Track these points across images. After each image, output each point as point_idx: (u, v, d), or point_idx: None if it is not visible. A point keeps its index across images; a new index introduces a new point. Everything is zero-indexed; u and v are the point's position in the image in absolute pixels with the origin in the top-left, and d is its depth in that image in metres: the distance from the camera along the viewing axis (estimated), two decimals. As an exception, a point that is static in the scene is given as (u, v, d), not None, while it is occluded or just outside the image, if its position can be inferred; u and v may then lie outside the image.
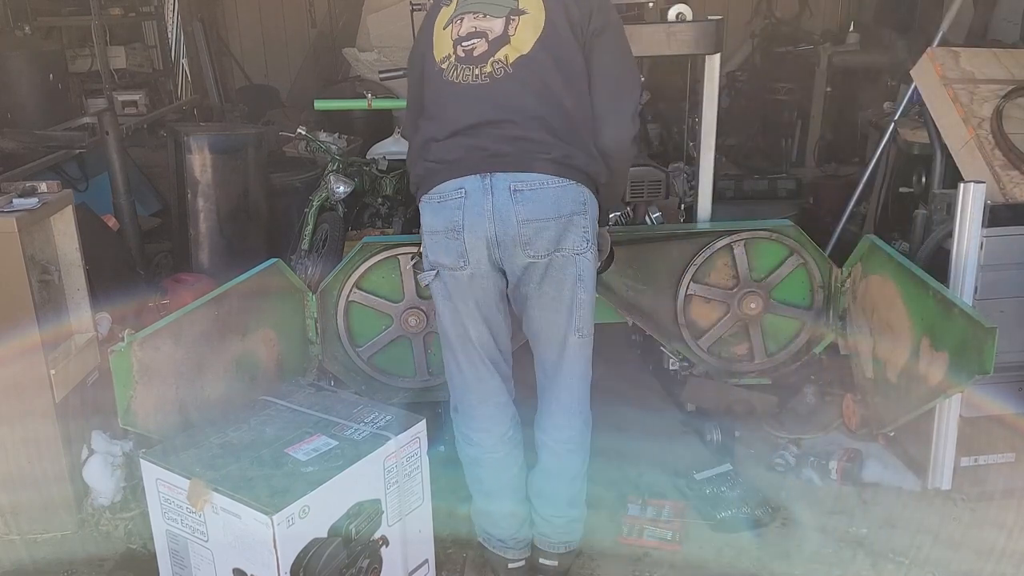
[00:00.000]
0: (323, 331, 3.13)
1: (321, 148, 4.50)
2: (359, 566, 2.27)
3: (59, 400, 2.73)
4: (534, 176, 2.16)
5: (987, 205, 2.67)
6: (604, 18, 2.27)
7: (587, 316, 2.33)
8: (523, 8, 2.23)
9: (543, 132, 2.18)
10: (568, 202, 2.19)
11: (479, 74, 2.21)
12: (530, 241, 2.19)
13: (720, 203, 3.32)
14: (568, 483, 2.49)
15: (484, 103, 2.21)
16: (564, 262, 2.23)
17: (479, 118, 2.21)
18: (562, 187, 2.18)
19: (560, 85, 2.21)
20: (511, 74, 2.19)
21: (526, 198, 2.16)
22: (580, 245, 2.24)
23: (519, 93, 2.20)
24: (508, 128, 2.19)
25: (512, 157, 2.17)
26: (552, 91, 2.20)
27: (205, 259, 4.35)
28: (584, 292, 2.29)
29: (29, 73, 5.34)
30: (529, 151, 2.17)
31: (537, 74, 2.19)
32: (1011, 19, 4.80)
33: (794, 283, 3.19)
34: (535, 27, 2.21)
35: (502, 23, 2.22)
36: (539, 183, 2.17)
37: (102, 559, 2.72)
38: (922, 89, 3.21)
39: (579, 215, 2.22)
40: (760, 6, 7.13)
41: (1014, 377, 2.81)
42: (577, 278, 2.26)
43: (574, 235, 2.22)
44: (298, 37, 7.84)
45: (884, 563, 2.64)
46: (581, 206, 2.22)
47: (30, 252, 2.67)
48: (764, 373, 3.28)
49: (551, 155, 2.17)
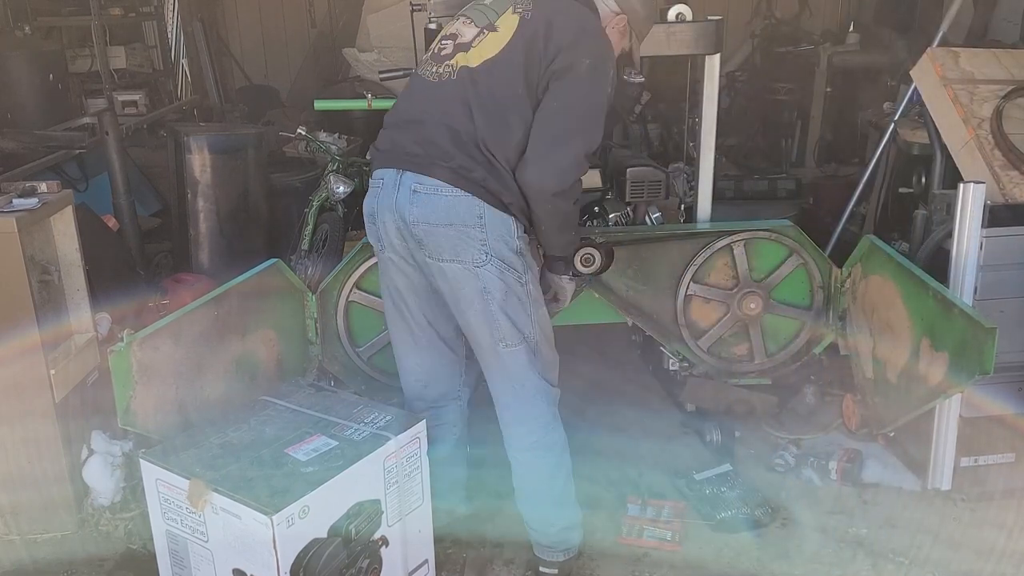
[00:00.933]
0: (323, 331, 3.13)
1: (321, 148, 4.50)
2: (359, 566, 2.27)
3: (59, 400, 2.73)
4: (431, 181, 2.22)
5: (987, 205, 2.67)
6: (572, 62, 2.20)
7: (507, 328, 2.31)
8: (498, 25, 2.27)
9: (447, 141, 2.22)
10: (461, 212, 2.21)
11: (434, 73, 2.31)
12: (422, 242, 2.26)
13: (720, 203, 3.32)
14: (543, 484, 2.47)
15: (422, 102, 2.31)
16: (465, 273, 2.26)
17: (411, 115, 2.31)
18: (455, 196, 2.20)
19: (479, 103, 2.21)
20: (452, 80, 2.26)
21: (420, 200, 2.22)
22: (479, 258, 2.24)
23: (446, 99, 2.25)
24: (424, 130, 2.26)
25: (419, 159, 2.24)
26: (470, 107, 2.22)
27: (205, 259, 4.35)
28: (495, 304, 2.28)
29: (29, 73, 5.34)
30: (432, 156, 2.22)
31: (467, 87, 2.23)
32: (1011, 19, 4.80)
33: (794, 283, 3.19)
34: (495, 46, 2.25)
35: (475, 32, 2.29)
36: (434, 188, 2.21)
37: (102, 559, 2.72)
38: (922, 89, 3.21)
39: (474, 228, 2.22)
40: (760, 6, 7.13)
41: (1014, 377, 2.81)
42: (483, 291, 2.26)
43: (471, 247, 2.23)
44: (298, 37, 7.83)
45: (884, 563, 2.64)
46: (477, 219, 2.21)
47: (30, 252, 2.67)
48: (764, 373, 3.28)
49: (450, 164, 2.20)
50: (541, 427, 2.43)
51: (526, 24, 2.25)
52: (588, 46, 2.25)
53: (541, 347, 2.39)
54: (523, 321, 2.33)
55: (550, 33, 2.22)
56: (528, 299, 2.33)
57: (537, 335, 2.37)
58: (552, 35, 2.22)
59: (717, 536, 2.77)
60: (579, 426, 3.42)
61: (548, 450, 2.45)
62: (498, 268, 2.26)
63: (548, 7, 2.28)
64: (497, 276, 2.26)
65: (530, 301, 2.33)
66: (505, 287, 2.27)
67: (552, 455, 2.46)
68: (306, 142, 4.65)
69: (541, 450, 2.44)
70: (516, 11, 2.28)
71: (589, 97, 2.24)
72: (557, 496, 2.50)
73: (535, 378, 2.39)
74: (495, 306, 2.28)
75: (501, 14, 2.29)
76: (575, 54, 2.21)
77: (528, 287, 2.32)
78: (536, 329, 2.36)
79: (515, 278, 2.29)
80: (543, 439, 2.44)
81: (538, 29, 2.23)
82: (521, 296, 2.31)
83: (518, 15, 2.27)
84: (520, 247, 2.29)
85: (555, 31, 2.22)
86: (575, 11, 2.30)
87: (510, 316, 2.30)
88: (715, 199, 3.22)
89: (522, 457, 2.45)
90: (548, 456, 2.45)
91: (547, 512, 2.51)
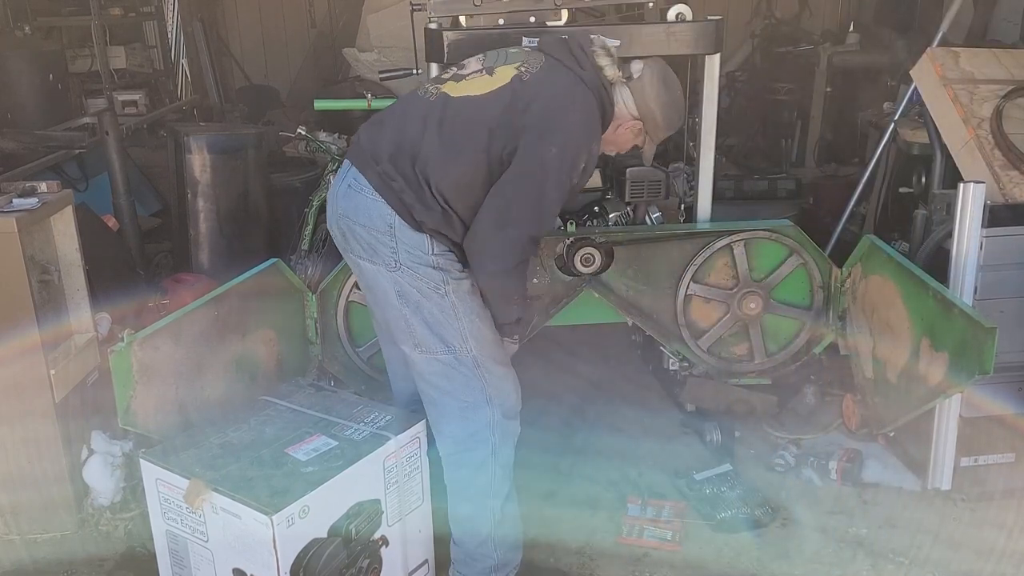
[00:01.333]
0: (323, 331, 3.13)
1: (321, 148, 4.49)
2: (359, 566, 2.27)
3: (59, 400, 2.73)
4: (362, 179, 2.24)
5: (987, 205, 2.67)
6: (538, 146, 2.14)
7: (424, 334, 2.25)
8: (495, 72, 2.26)
9: (387, 147, 2.23)
10: (374, 216, 2.22)
11: (426, 90, 2.32)
12: (345, 235, 2.30)
13: (720, 203, 3.31)
14: (454, 495, 2.39)
15: (397, 109, 2.35)
16: (378, 274, 2.27)
17: (381, 117, 2.35)
18: (373, 200, 2.22)
19: (438, 127, 2.20)
20: (429, 101, 2.27)
21: (350, 195, 2.26)
22: (389, 263, 2.23)
23: (413, 113, 2.27)
24: (379, 132, 2.29)
25: (362, 157, 2.27)
26: (427, 125, 2.21)
27: (205, 259, 4.35)
28: (407, 308, 2.25)
29: (29, 73, 5.34)
30: (371, 155, 2.25)
31: (437, 110, 2.23)
32: (1011, 19, 4.80)
33: (794, 283, 3.19)
34: (481, 88, 2.23)
35: (476, 69, 2.30)
36: (361, 187, 2.24)
37: (102, 559, 2.72)
38: (922, 89, 3.21)
39: (385, 235, 2.21)
40: (760, 6, 7.13)
41: (1014, 377, 2.81)
42: (397, 293, 2.25)
43: (383, 252, 2.23)
44: (298, 37, 7.83)
45: (884, 563, 2.64)
46: (387, 227, 2.21)
47: (30, 252, 2.67)
48: (764, 373, 3.28)
49: (378, 168, 2.22)
50: (453, 443, 2.33)
51: (518, 83, 2.21)
52: (561, 135, 2.17)
53: (482, 363, 2.27)
54: (448, 334, 2.24)
55: (530, 105, 2.17)
56: (453, 311, 2.23)
57: (472, 350, 2.26)
58: (530, 109, 2.17)
59: (717, 536, 2.77)
60: (579, 426, 3.44)
61: (459, 467, 2.35)
62: (411, 275, 2.23)
63: (551, 78, 2.22)
64: (409, 282, 2.23)
65: (455, 314, 2.23)
66: (419, 294, 2.24)
67: (463, 472, 2.35)
68: (306, 142, 4.64)
69: (451, 467, 2.37)
70: (519, 68, 2.24)
71: (544, 186, 2.17)
72: (465, 515, 2.40)
73: (453, 391, 2.29)
74: (408, 310, 2.25)
75: (506, 63, 2.27)
76: (546, 140, 2.15)
77: (451, 298, 2.23)
78: (470, 343, 2.25)
79: (431, 287, 2.23)
80: (455, 456, 2.35)
81: (524, 95, 2.18)
82: (441, 306, 2.23)
83: (517, 71, 2.23)
84: (438, 262, 2.23)
85: (537, 105, 2.17)
86: (574, 94, 2.22)
87: (427, 322, 2.24)
88: (715, 199, 3.22)
89: (443, 461, 2.39)
90: (459, 472, 2.36)
91: (457, 524, 2.42)
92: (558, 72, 2.24)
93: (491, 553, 2.41)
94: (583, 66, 2.25)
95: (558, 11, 2.88)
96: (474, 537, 2.40)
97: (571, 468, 3.15)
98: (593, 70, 2.26)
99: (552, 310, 3.11)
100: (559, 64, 2.25)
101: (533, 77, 2.23)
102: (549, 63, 2.26)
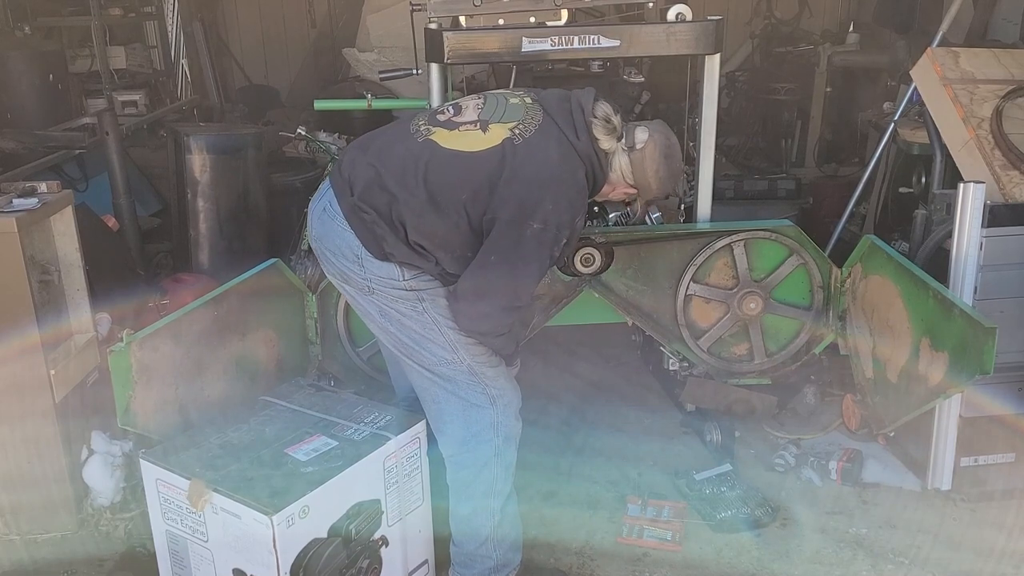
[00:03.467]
0: (323, 331, 3.13)
1: (321, 148, 4.50)
2: (359, 566, 2.27)
3: (59, 400, 2.73)
4: (336, 206, 2.25)
5: (987, 205, 2.67)
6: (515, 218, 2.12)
7: (413, 348, 2.27)
8: (490, 129, 2.21)
9: (362, 181, 2.22)
10: (343, 246, 2.24)
11: (416, 127, 2.28)
12: (322, 256, 2.33)
13: (720, 203, 3.32)
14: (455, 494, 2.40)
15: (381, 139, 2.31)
16: (358, 295, 2.29)
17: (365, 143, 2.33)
18: (343, 230, 2.23)
19: (409, 183, 2.17)
20: (417, 142, 2.24)
21: (323, 220, 2.29)
22: (363, 289, 2.25)
23: (397, 153, 2.24)
24: (360, 159, 2.28)
25: (341, 183, 2.27)
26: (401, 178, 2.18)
27: (205, 259, 4.35)
28: (392, 327, 2.27)
29: (29, 73, 5.33)
30: (348, 184, 2.25)
31: (421, 155, 2.20)
32: (1011, 19, 4.80)
33: (794, 283, 3.18)
34: (471, 145, 2.19)
35: (472, 119, 2.25)
36: (334, 214, 2.25)
37: (102, 559, 2.72)
38: (922, 89, 3.21)
39: (353, 263, 2.23)
40: (760, 6, 7.14)
41: (1014, 377, 2.82)
42: (379, 312, 2.28)
43: (354, 279, 2.25)
44: (298, 37, 7.83)
45: (884, 563, 2.64)
46: (355, 257, 2.22)
47: (30, 252, 2.67)
48: (764, 373, 3.28)
49: (352, 199, 2.21)
50: (455, 444, 2.35)
51: (509, 147, 2.17)
52: (544, 210, 2.12)
53: (477, 369, 2.29)
54: (436, 347, 2.26)
55: (519, 174, 2.13)
56: (436, 327, 2.24)
57: (465, 359, 2.27)
58: (519, 177, 2.13)
59: (717, 536, 2.77)
60: (579, 426, 3.44)
61: (462, 468, 2.36)
62: (386, 297, 2.25)
63: (541, 147, 2.17)
64: (387, 304, 2.25)
65: (438, 328, 2.24)
66: (399, 314, 2.25)
67: (466, 473, 2.36)
68: (306, 142, 4.65)
69: (454, 467, 2.38)
70: (513, 129, 2.19)
71: (526, 259, 2.16)
72: (466, 515, 2.40)
73: (456, 393, 2.30)
74: (393, 328, 2.28)
75: (500, 120, 2.22)
76: (525, 213, 2.12)
77: (430, 314, 2.23)
78: (460, 353, 2.26)
79: (408, 307, 2.24)
80: (457, 456, 2.36)
81: (514, 163, 2.14)
82: (424, 323, 2.24)
83: (510, 133, 2.19)
84: (411, 285, 2.22)
85: (525, 176, 2.14)
86: (562, 166, 2.18)
87: (414, 339, 2.27)
88: (715, 199, 3.22)
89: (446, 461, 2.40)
90: (461, 472, 2.37)
91: (458, 525, 2.43)
92: (551, 139, 2.19)
93: (491, 553, 2.41)
94: (579, 135, 2.21)
95: (558, 11, 2.88)
96: (475, 537, 2.40)
97: (571, 468, 3.15)
98: (589, 140, 2.22)
99: (552, 310, 3.11)
100: (554, 127, 2.21)
101: (525, 142, 2.17)
102: (545, 125, 2.21)
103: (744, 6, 7.24)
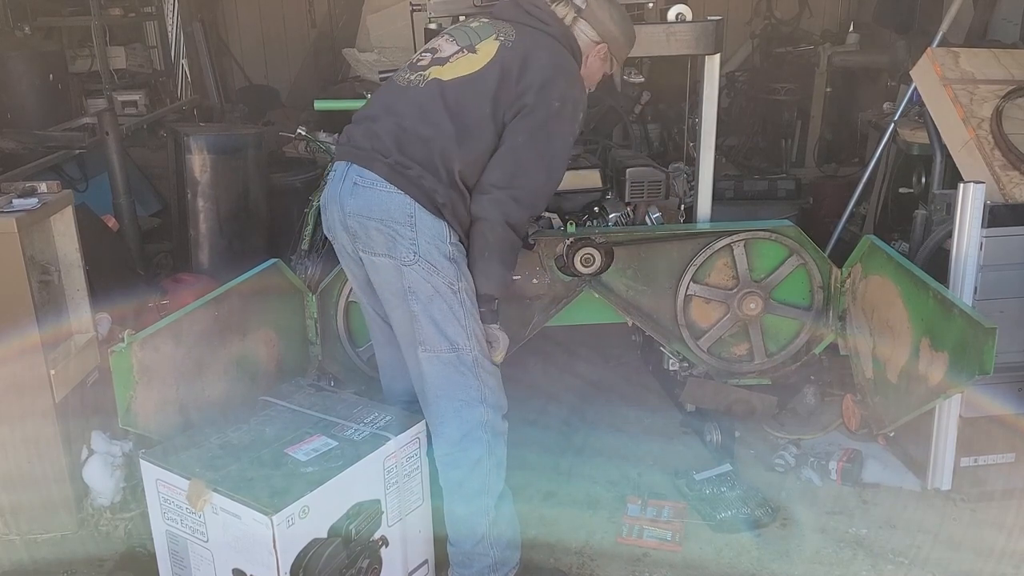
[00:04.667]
0: (323, 331, 3.13)
1: (321, 148, 4.50)
2: (359, 566, 2.27)
3: (59, 400, 2.73)
4: (371, 175, 2.26)
5: (987, 205, 2.67)
6: (540, 101, 2.25)
7: (430, 332, 2.27)
8: (477, 48, 2.32)
9: (391, 138, 2.26)
10: (393, 209, 2.23)
11: (405, 79, 2.35)
12: (357, 234, 2.30)
13: (720, 203, 3.32)
14: (449, 494, 2.40)
15: (383, 102, 2.37)
16: (393, 269, 2.27)
17: (369, 112, 2.37)
18: (389, 193, 2.23)
19: (436, 120, 2.25)
20: (419, 88, 2.31)
21: (358, 193, 2.27)
22: (407, 256, 2.24)
23: (407, 102, 2.30)
24: (374, 126, 2.31)
25: (364, 153, 2.28)
26: (426, 119, 2.26)
27: (205, 259, 4.35)
28: (418, 305, 2.26)
29: (29, 73, 5.33)
30: (375, 150, 2.27)
31: (435, 96, 2.27)
32: (1011, 19, 4.80)
33: (794, 283, 3.18)
34: (470, 66, 2.29)
35: (455, 50, 2.35)
36: (372, 182, 2.25)
37: (102, 559, 2.72)
38: (922, 89, 3.21)
39: (404, 227, 2.23)
40: (760, 6, 7.14)
41: (1014, 377, 2.81)
42: (407, 290, 2.27)
43: (401, 245, 2.24)
44: (298, 37, 7.83)
45: (884, 563, 2.64)
46: (408, 218, 2.23)
47: (30, 252, 2.67)
48: (764, 373, 3.28)
49: (388, 160, 2.24)
50: (448, 443, 2.35)
51: (505, 52, 2.29)
52: (559, 88, 2.28)
53: (480, 363, 2.31)
54: (453, 330, 2.26)
55: (525, 68, 2.27)
56: (462, 308, 2.27)
57: (474, 349, 2.29)
58: (526, 70, 2.27)
59: (717, 536, 2.77)
60: (579, 426, 3.44)
61: (455, 467, 2.36)
62: (426, 270, 2.24)
63: (529, 41, 2.32)
64: (424, 277, 2.25)
65: (464, 311, 2.27)
66: (432, 289, 2.25)
67: (459, 472, 2.37)
68: (306, 142, 4.65)
69: (447, 467, 2.38)
70: (498, 38, 2.32)
71: (553, 138, 2.30)
72: (461, 515, 2.40)
73: (450, 391, 2.31)
74: (418, 307, 2.27)
75: (484, 39, 2.34)
76: (545, 94, 2.26)
77: (461, 295, 2.26)
78: (473, 343, 2.29)
79: (445, 283, 2.25)
80: (450, 456, 2.35)
81: (515, 60, 2.28)
82: (451, 303, 2.26)
83: (499, 42, 2.31)
84: (453, 253, 2.26)
85: (530, 67, 2.27)
86: (554, 51, 2.34)
87: (435, 320, 2.26)
88: (715, 199, 3.22)
89: (438, 462, 2.40)
90: (455, 472, 2.37)
91: (453, 524, 2.43)
92: (531, 34, 2.34)
93: (488, 551, 2.41)
94: (546, 22, 2.37)
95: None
96: (471, 536, 2.40)
97: (571, 468, 3.15)
98: (555, 22, 2.38)
99: (552, 310, 3.11)
100: (526, 27, 2.35)
101: (514, 42, 2.31)
102: (519, 29, 2.35)
103: (744, 6, 7.24)
